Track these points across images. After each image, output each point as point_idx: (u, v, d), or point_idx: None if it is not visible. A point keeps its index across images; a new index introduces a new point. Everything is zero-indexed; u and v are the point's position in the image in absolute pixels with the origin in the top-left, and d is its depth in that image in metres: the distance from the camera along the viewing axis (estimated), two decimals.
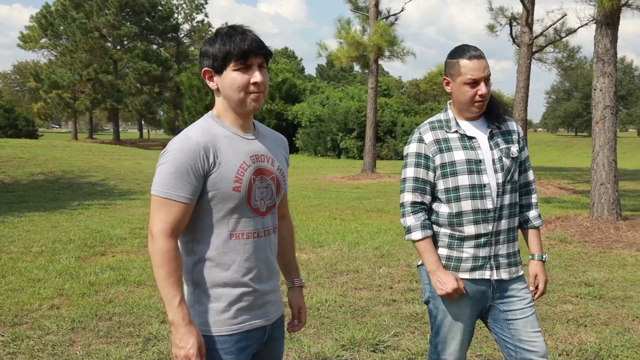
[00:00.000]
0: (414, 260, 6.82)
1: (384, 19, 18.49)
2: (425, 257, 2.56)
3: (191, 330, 1.84)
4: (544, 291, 2.71)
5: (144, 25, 50.79)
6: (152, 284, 5.74)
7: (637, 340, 4.29)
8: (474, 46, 2.60)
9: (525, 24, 14.76)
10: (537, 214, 2.74)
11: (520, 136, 2.70)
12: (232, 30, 1.94)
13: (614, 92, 8.53)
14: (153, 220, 1.88)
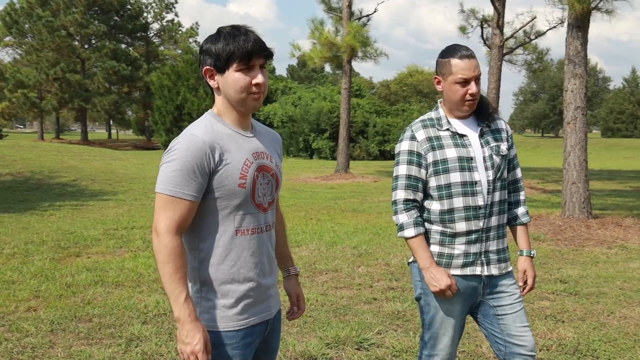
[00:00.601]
0: (392, 259, 6.88)
1: (357, 20, 18.57)
2: (418, 254, 2.59)
3: (197, 327, 1.86)
4: (532, 286, 2.76)
5: (112, 24, 50.10)
6: (130, 285, 5.68)
7: (614, 335, 4.40)
8: (465, 46, 2.64)
9: (496, 26, 14.99)
10: (525, 210, 2.80)
11: (508, 134, 2.75)
12: (236, 30, 1.95)
13: (585, 93, 8.73)
14: (158, 217, 1.89)
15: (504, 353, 2.65)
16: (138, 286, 5.67)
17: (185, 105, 32.29)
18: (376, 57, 18.65)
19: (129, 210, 10.85)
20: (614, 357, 3.99)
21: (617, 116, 66.01)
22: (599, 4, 8.71)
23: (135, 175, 18.20)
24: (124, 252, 7.31)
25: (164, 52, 54.61)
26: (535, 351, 2.65)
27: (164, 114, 33.14)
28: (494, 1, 14.63)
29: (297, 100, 31.57)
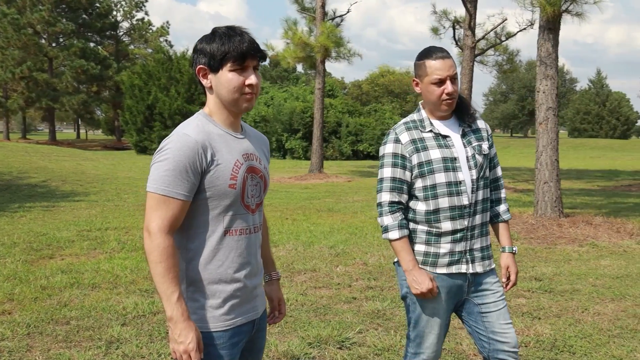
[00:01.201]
0: (370, 259, 6.92)
1: (330, 20, 18.61)
2: (402, 256, 2.62)
3: (190, 326, 1.87)
4: (515, 282, 2.81)
5: (80, 22, 49.30)
6: (107, 287, 5.62)
7: (589, 331, 4.50)
8: (440, 47, 2.68)
9: (468, 27, 15.19)
10: (506, 208, 2.86)
11: (488, 133, 2.80)
12: (231, 30, 1.97)
13: (556, 94, 8.90)
14: (150, 217, 1.90)
15: (488, 350, 2.69)
16: (115, 288, 5.60)
17: (156, 105, 31.99)
18: (350, 58, 18.73)
19: (102, 212, 10.71)
20: (589, 352, 4.09)
21: (583, 117, 67.39)
22: (569, 6, 8.88)
23: (106, 175, 17.96)
24: (99, 253, 7.21)
25: (134, 51, 53.92)
26: (517, 348, 2.71)
27: (134, 113, 32.80)
28: (465, 3, 14.82)
29: (269, 100, 31.51)
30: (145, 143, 32.55)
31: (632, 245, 7.88)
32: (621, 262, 6.86)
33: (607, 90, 69.14)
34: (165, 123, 31.89)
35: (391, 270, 6.36)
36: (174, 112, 31.67)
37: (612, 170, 24.11)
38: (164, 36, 54.66)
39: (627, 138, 66.42)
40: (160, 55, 34.91)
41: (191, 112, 31.67)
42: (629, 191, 15.26)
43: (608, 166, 27.04)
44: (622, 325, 4.65)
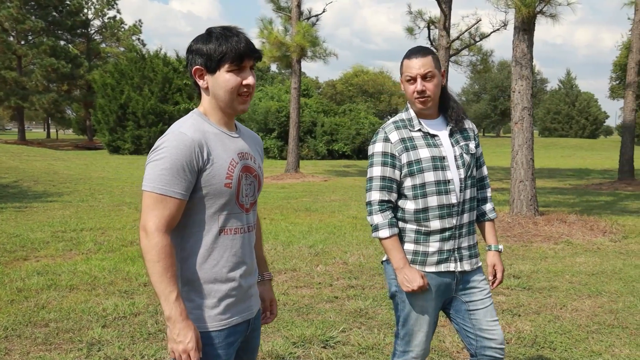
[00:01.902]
0: (349, 258, 6.94)
1: (306, 20, 18.60)
2: (392, 254, 2.62)
3: (189, 325, 1.86)
4: (501, 280, 2.85)
5: (50, 19, 48.44)
6: (85, 289, 5.53)
7: (568, 327, 4.57)
8: (421, 47, 2.71)
9: (443, 27, 15.32)
10: (492, 207, 2.89)
11: (475, 133, 2.83)
12: (227, 31, 1.97)
13: (531, 94, 9.03)
14: (147, 216, 1.88)
15: (475, 347, 2.72)
16: (94, 289, 5.53)
17: (129, 105, 31.63)
18: (325, 57, 18.75)
19: (76, 212, 10.55)
20: (569, 348, 4.15)
21: (553, 116, 68.47)
22: (543, 8, 9.01)
23: (79, 176, 17.70)
24: (75, 254, 7.11)
25: (106, 49, 53.19)
26: (504, 344, 2.75)
27: (107, 113, 32.39)
28: (440, 3, 14.94)
29: None
30: (118, 143, 32.15)
31: (605, 242, 8.04)
32: (596, 260, 6.99)
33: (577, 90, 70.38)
34: (139, 123, 31.55)
35: (371, 270, 6.39)
36: (148, 112, 31.35)
37: (583, 169, 24.55)
38: (137, 35, 54.07)
39: (595, 137, 67.71)
40: (133, 54, 34.52)
41: (165, 112, 31.44)
42: (599, 190, 15.55)
43: (578, 165, 27.53)
44: (600, 321, 4.73)
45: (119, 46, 54.01)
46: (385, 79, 70.80)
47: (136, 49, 36.83)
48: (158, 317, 4.71)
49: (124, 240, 7.99)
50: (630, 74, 16.56)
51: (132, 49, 36.78)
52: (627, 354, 4.04)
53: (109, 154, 32.01)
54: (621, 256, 7.23)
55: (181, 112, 31.58)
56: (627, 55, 51.19)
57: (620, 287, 5.72)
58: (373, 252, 7.29)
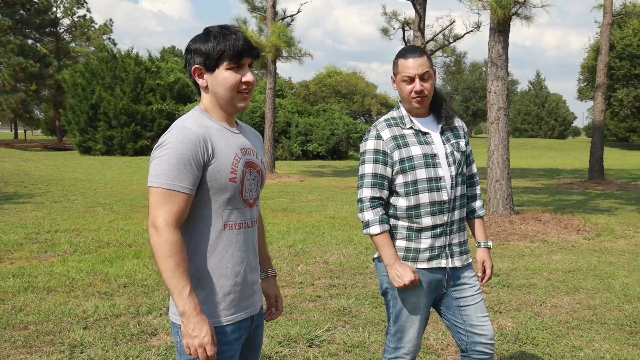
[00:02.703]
0: (330, 257, 6.94)
1: (281, 20, 18.57)
2: (383, 250, 2.64)
3: (203, 319, 1.86)
4: (490, 276, 2.88)
5: (18, 18, 47.42)
6: (64, 290, 5.44)
7: (549, 323, 4.65)
8: (415, 46, 2.74)
9: (418, 28, 15.43)
10: (481, 204, 2.92)
11: (464, 131, 2.87)
12: (225, 30, 1.99)
13: (507, 94, 9.15)
14: (156, 212, 1.87)
15: (466, 343, 2.75)
16: (72, 291, 5.43)
17: (100, 105, 31.18)
18: (300, 58, 18.75)
19: (49, 213, 10.36)
20: (551, 343, 4.22)
21: (524, 117, 69.49)
22: (518, 10, 9.15)
23: (51, 176, 17.41)
24: (50, 256, 6.98)
25: (75, 49, 52.31)
26: (494, 340, 2.78)
27: (77, 113, 31.88)
28: (415, 5, 15.05)
29: None
30: (89, 143, 31.67)
31: (579, 240, 8.19)
32: (571, 257, 7.11)
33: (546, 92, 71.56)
34: (110, 123, 31.13)
35: (352, 269, 6.41)
36: (119, 112, 30.96)
37: (554, 169, 24.97)
38: (107, 34, 53.33)
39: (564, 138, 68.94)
40: (103, 53, 34.04)
41: (137, 112, 31.08)
42: (570, 189, 15.83)
43: (549, 165, 28.00)
44: (579, 317, 4.82)
45: (89, 45, 53.17)
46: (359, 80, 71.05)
47: (107, 48, 36.36)
48: (140, 319, 4.65)
49: (100, 241, 7.87)
50: (600, 76, 16.89)
51: (103, 49, 36.28)
52: (607, 349, 4.12)
53: (80, 155, 31.51)
54: (595, 254, 7.37)
55: (154, 113, 31.29)
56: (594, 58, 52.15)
57: (596, 284, 5.84)
58: (353, 251, 7.31)
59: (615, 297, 5.38)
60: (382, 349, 4.03)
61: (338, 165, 26.05)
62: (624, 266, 6.66)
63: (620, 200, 13.25)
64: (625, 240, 8.30)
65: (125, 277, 5.90)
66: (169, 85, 32.64)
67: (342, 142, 30.98)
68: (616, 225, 9.40)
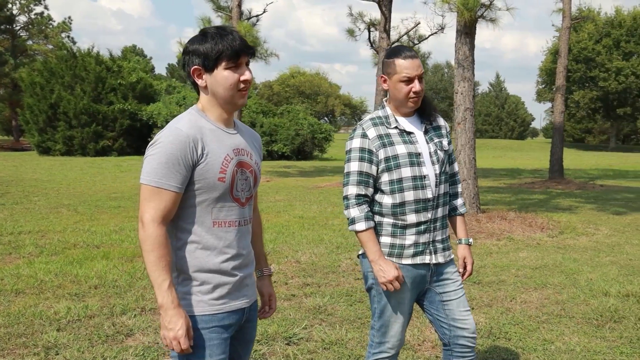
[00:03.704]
0: (301, 257, 6.96)
1: (247, 20, 18.50)
2: (368, 246, 2.68)
3: (179, 313, 1.95)
4: (471, 272, 2.96)
5: None
6: (33, 292, 5.33)
7: (520, 318, 4.77)
8: (408, 47, 2.80)
9: (384, 30, 15.58)
10: (462, 202, 2.99)
11: (447, 130, 2.93)
12: (222, 30, 2.05)
13: (473, 95, 9.32)
14: (144, 208, 1.97)
15: (449, 337, 2.81)
16: (41, 293, 5.33)
17: (60, 104, 30.49)
18: (266, 58, 18.70)
19: (11, 215, 10.11)
20: (523, 338, 4.33)
21: (484, 118, 70.75)
22: (484, 12, 9.33)
23: (10, 177, 16.98)
24: (15, 258, 6.83)
25: (33, 47, 51.10)
26: (476, 334, 2.85)
27: (36, 113, 31.11)
28: (381, 6, 15.19)
29: (181, 100, 30.82)
30: (48, 144, 30.95)
31: (543, 238, 8.40)
32: (537, 254, 7.29)
33: (506, 93, 73.04)
34: (71, 123, 30.48)
35: (324, 268, 6.44)
36: (80, 112, 30.34)
37: (515, 169, 25.49)
38: (66, 32, 52.25)
39: (523, 139, 70.45)
40: (63, 52, 33.28)
41: (98, 112, 30.49)
42: (532, 188, 16.19)
43: (510, 165, 28.57)
44: (548, 311, 4.96)
45: (47, 44, 51.99)
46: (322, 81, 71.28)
47: (66, 46, 35.54)
48: (114, 319, 4.60)
49: (66, 242, 7.73)
50: (559, 78, 17.32)
51: (62, 47, 35.46)
52: (576, 342, 4.25)
53: (39, 155, 30.75)
54: (560, 251, 7.57)
55: (115, 113, 30.76)
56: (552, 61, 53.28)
57: (562, 280, 6.00)
58: (324, 250, 7.35)
59: (581, 292, 5.54)
60: (360, 345, 4.10)
61: (303, 166, 26.08)
62: (588, 262, 6.87)
63: (579, 199, 13.63)
64: (587, 238, 8.54)
65: (96, 278, 5.81)
66: (131, 85, 32.12)
67: (307, 142, 31.02)
68: (578, 223, 9.67)
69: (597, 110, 54.37)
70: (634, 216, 10.76)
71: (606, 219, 10.37)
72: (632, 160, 35.28)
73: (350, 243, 7.80)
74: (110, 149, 30.95)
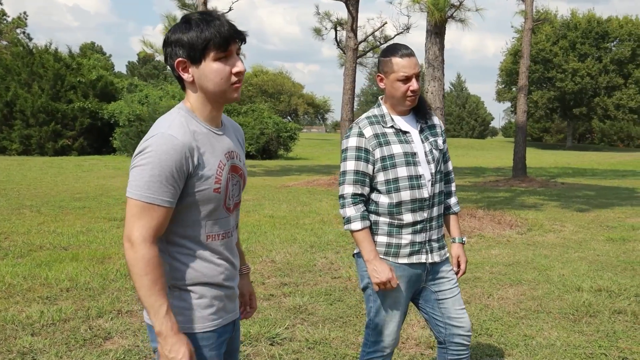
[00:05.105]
0: (276, 256, 6.91)
1: None
2: (363, 246, 2.66)
3: (181, 339, 1.77)
4: (464, 271, 2.96)
5: None
6: (1, 296, 5.15)
7: (499, 314, 4.82)
8: (405, 45, 2.78)
9: (351, 29, 15.61)
10: (456, 201, 3.00)
11: (442, 129, 2.93)
12: (207, 16, 1.81)
13: (443, 95, 9.40)
14: (133, 226, 1.76)
15: (444, 335, 2.82)
16: (11, 297, 5.15)
17: (16, 102, 29.62)
18: None
19: None
20: (504, 333, 4.38)
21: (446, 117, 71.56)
22: (454, 13, 9.43)
23: None
24: None
25: None
26: (471, 332, 2.86)
27: None
28: (348, 6, 15.22)
29: (144, 99, 30.27)
30: (4, 143, 30.03)
31: (513, 235, 8.54)
32: (508, 251, 7.40)
33: (467, 93, 74.18)
34: (28, 122, 29.64)
35: (300, 267, 6.41)
36: (38, 110, 29.52)
37: (478, 168, 25.90)
38: (22, 28, 50.88)
39: (484, 138, 71.68)
40: (18, 48, 32.35)
41: (57, 111, 29.73)
42: (497, 187, 16.45)
43: (473, 164, 29.01)
44: (525, 307, 5.03)
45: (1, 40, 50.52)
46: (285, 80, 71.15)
47: (22, 43, 34.57)
48: (91, 323, 4.47)
49: (32, 245, 7.50)
50: (522, 79, 17.65)
51: (18, 43, 34.47)
52: (556, 337, 4.32)
53: None
54: (530, 247, 7.70)
55: (75, 111, 30.06)
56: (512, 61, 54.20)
57: (536, 276, 6.10)
58: (298, 249, 7.31)
59: (555, 287, 5.64)
60: (345, 344, 4.08)
61: (269, 165, 25.97)
62: (558, 258, 7.00)
63: (543, 196, 13.91)
64: (554, 234, 8.72)
65: (67, 280, 5.65)
66: (92, 83, 31.42)
67: (272, 141, 30.89)
68: (544, 221, 9.86)
69: (555, 110, 55.73)
70: (596, 213, 11.04)
71: (570, 216, 10.61)
72: (588, 159, 36.26)
73: (324, 242, 7.79)
74: (70, 148, 30.21)
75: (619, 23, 52.57)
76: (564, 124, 61.37)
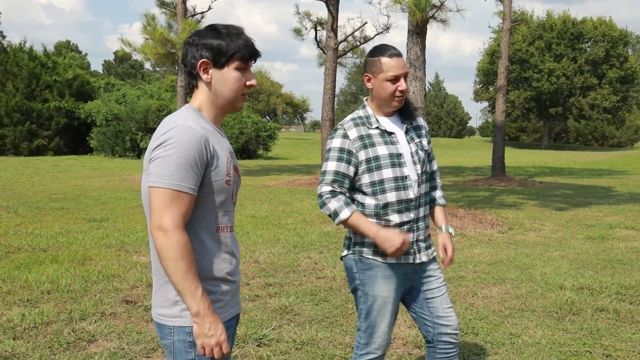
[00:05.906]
0: (259, 256, 6.88)
1: (191, 17, 18.18)
2: (362, 227, 2.63)
3: (217, 318, 1.88)
4: (452, 258, 2.94)
5: None
6: None
7: (484, 313, 4.85)
8: (392, 45, 2.79)
9: (331, 29, 15.62)
10: (442, 194, 3.02)
11: (426, 130, 2.94)
12: (234, 29, 1.98)
13: (425, 95, 9.45)
14: (163, 214, 1.83)
15: (432, 334, 2.82)
16: None
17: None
18: None
19: None
20: (490, 332, 4.41)
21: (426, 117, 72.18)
22: (435, 13, 9.47)
23: None
24: None
25: None
26: (459, 330, 2.87)
27: None
28: (329, 6, 15.22)
29: (121, 98, 29.96)
30: None
31: (494, 234, 8.61)
32: (490, 250, 7.46)
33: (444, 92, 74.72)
34: (2, 121, 29.18)
35: (285, 267, 6.39)
36: (12, 110, 29.08)
37: (457, 167, 26.09)
38: None
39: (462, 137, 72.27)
40: None
41: (32, 110, 29.28)
42: (476, 186, 16.58)
43: (451, 163, 29.20)
44: (510, 306, 5.07)
45: None
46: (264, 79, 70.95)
47: None
48: (74, 325, 4.41)
49: (9, 246, 7.36)
50: (501, 79, 17.81)
51: None
52: (541, 335, 4.36)
53: None
54: (512, 246, 7.77)
55: (51, 111, 29.64)
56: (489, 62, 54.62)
57: (519, 275, 6.16)
58: (282, 250, 7.29)
59: (538, 286, 5.70)
60: (332, 345, 4.08)
61: (249, 165, 25.85)
62: (539, 257, 7.08)
63: (522, 195, 14.05)
64: (535, 233, 8.81)
65: (48, 283, 5.56)
66: (68, 82, 31.01)
67: (251, 140, 30.78)
68: (525, 219, 9.96)
69: (531, 109, 56.34)
70: (575, 212, 11.18)
71: (550, 215, 10.73)
72: (564, 158, 36.73)
73: (307, 242, 7.77)
74: (45, 148, 29.80)
75: (593, 24, 53.34)
76: (540, 124, 62.10)
